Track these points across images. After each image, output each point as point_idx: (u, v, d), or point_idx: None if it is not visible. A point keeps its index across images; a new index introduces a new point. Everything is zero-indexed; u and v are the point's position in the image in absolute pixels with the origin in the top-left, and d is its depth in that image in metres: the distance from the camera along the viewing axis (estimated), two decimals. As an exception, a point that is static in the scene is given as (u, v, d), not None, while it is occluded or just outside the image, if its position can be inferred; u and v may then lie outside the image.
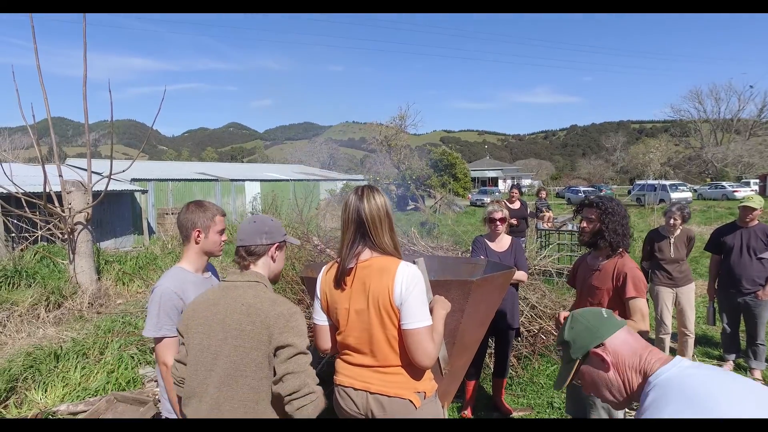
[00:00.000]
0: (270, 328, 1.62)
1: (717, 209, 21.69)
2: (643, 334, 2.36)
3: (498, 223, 3.69)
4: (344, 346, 1.81)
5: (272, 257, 1.86)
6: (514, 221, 6.97)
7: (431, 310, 1.81)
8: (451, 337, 2.34)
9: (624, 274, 2.44)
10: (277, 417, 1.68)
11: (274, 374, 1.63)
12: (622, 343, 1.21)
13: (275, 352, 1.62)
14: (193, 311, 1.76)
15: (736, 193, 27.77)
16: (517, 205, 7.48)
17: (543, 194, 10.56)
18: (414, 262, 1.87)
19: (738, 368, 4.49)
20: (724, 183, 32.87)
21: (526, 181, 55.40)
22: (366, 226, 1.73)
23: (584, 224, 2.59)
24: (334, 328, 1.86)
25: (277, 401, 1.65)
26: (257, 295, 1.70)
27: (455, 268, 3.14)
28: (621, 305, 2.45)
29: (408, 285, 1.66)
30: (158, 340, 1.98)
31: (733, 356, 4.54)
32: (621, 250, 2.54)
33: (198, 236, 2.12)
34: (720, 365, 4.52)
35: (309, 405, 1.56)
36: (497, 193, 36.25)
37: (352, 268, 1.75)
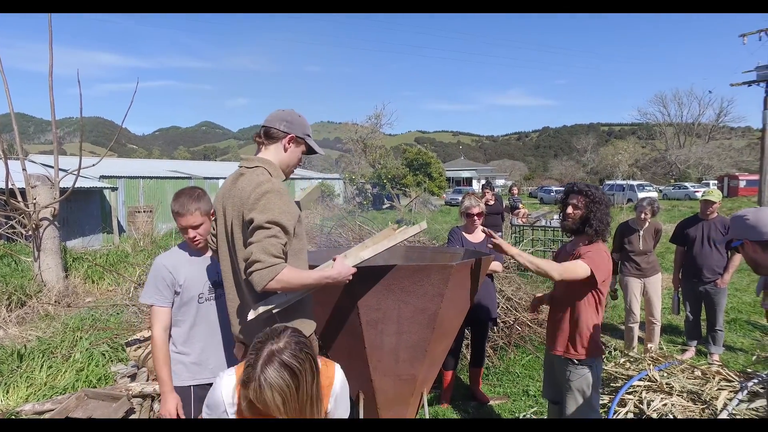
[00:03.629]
0: (243, 207, 1.76)
1: (680, 208, 22.68)
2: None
3: (476, 218, 3.79)
4: None
5: (284, 147, 1.91)
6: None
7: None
8: (430, 322, 2.38)
9: (590, 250, 2.45)
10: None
11: None
12: None
13: (248, 229, 1.77)
14: (216, 198, 2.00)
15: (697, 194, 29.03)
16: (492, 201, 7.65)
17: (515, 191, 10.96)
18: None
19: (699, 353, 4.72)
20: (686, 184, 34.32)
21: (500, 181, 56.30)
22: None
23: (570, 210, 2.53)
24: None
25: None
26: (251, 180, 1.82)
27: (434, 257, 3.19)
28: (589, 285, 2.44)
29: None
30: (149, 307, 2.16)
31: (695, 342, 4.76)
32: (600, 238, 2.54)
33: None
34: (684, 351, 4.75)
35: (254, 273, 1.66)
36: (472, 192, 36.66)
37: None
